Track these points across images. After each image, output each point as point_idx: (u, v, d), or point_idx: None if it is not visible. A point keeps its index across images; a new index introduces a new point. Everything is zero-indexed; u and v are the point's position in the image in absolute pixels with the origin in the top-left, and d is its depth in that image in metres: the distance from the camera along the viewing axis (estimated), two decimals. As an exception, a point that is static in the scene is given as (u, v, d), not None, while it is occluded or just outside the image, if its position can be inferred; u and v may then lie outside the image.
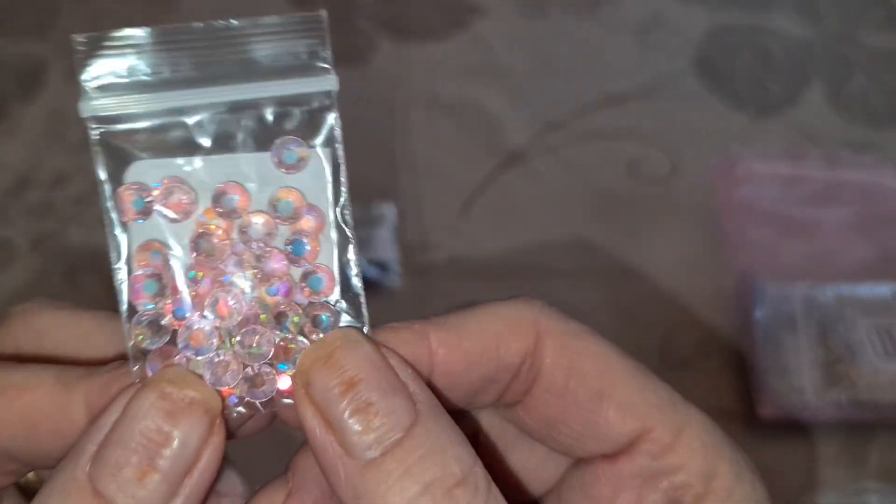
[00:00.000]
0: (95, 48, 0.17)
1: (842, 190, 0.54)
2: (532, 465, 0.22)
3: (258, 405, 0.18)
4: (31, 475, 0.21)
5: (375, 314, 0.19)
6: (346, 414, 0.17)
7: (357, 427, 0.17)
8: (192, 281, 0.18)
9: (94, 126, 0.17)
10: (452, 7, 0.69)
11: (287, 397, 0.18)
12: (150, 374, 0.18)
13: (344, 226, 0.18)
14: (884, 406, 0.44)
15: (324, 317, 0.18)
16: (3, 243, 0.53)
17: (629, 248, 0.53)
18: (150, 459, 0.17)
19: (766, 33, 0.67)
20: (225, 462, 0.19)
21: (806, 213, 0.53)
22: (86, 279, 0.51)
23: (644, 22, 0.68)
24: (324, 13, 0.18)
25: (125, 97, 0.17)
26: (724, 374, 0.47)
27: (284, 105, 0.18)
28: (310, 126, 0.18)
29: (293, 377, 0.18)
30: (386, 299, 0.50)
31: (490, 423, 0.22)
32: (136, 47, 0.17)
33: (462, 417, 0.20)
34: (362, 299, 0.19)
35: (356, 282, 0.19)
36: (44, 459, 0.19)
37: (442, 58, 0.65)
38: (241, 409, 0.19)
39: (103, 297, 0.54)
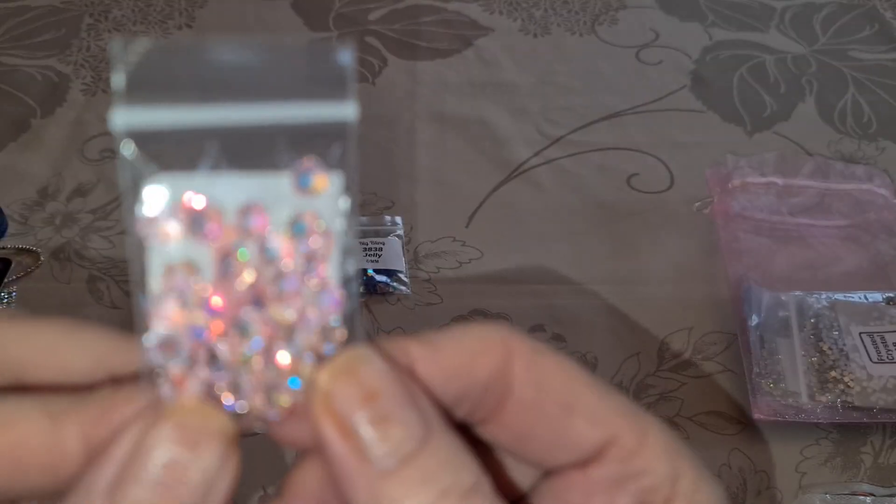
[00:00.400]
0: (129, 56, 0.17)
1: (835, 200, 0.54)
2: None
3: (268, 422, 0.19)
4: None
5: (385, 322, 0.20)
6: (367, 425, 0.17)
7: (377, 437, 0.17)
8: (213, 303, 0.18)
9: (121, 136, 0.17)
10: (458, 25, 0.70)
11: (294, 415, 0.19)
12: (164, 396, 0.18)
13: (352, 248, 0.19)
14: (876, 410, 0.44)
15: (332, 333, 0.19)
16: (25, 253, 0.54)
17: (628, 257, 0.54)
18: (171, 494, 0.17)
19: (761, 49, 0.68)
20: None
21: (799, 222, 0.53)
22: (105, 288, 0.52)
23: (643, 39, 0.69)
24: (352, 42, 0.18)
25: (154, 109, 0.17)
26: (719, 379, 0.48)
27: (305, 128, 0.18)
28: (328, 150, 0.18)
29: (310, 391, 0.18)
30: (395, 307, 0.50)
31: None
32: (167, 59, 0.17)
33: None
34: (358, 318, 0.19)
35: (356, 301, 0.19)
36: (31, 495, 0.18)
37: (447, 74, 0.65)
38: (260, 426, 0.19)
39: (122, 306, 0.55)
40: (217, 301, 0.18)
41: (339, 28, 0.69)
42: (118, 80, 0.17)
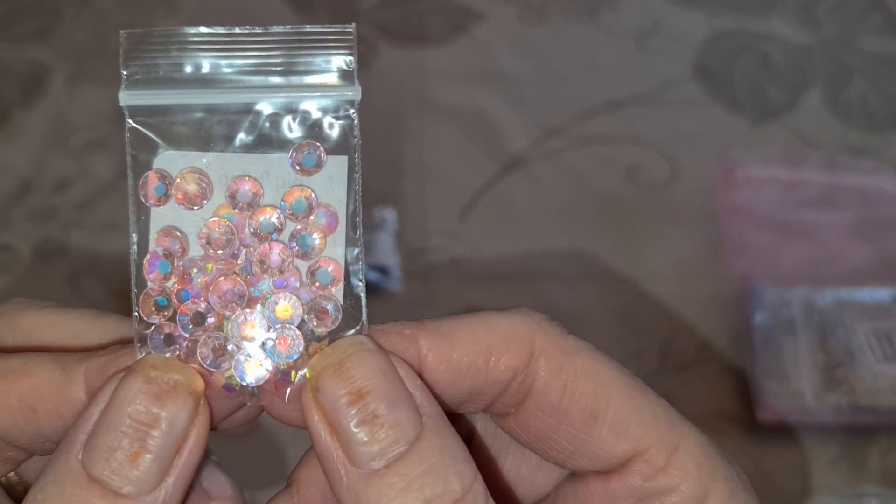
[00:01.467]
0: (138, 44, 0.19)
1: (841, 194, 0.54)
2: (525, 472, 0.22)
3: (248, 392, 0.19)
4: (11, 475, 0.21)
5: (375, 318, 0.19)
6: (353, 424, 0.17)
7: (363, 437, 0.17)
8: (200, 270, 0.19)
9: (130, 115, 0.19)
10: (453, 13, 0.69)
11: (277, 391, 0.19)
12: (148, 353, 0.19)
13: (355, 229, 0.19)
14: (883, 410, 0.44)
15: (330, 308, 0.19)
16: (4, 248, 0.53)
17: (629, 253, 0.53)
18: (140, 441, 0.17)
19: (765, 39, 0.68)
20: (214, 464, 0.20)
21: (805, 217, 0.53)
22: (88, 284, 0.51)
23: (643, 28, 0.68)
24: (353, 27, 0.19)
25: (160, 91, 0.19)
26: (723, 379, 0.47)
27: (309, 111, 0.19)
28: (331, 132, 0.19)
29: (299, 379, 0.18)
30: (386, 303, 0.50)
31: (484, 426, 0.22)
32: (175, 46, 0.19)
33: (458, 419, 0.20)
34: (363, 301, 0.19)
35: (360, 283, 0.19)
36: (42, 444, 0.19)
37: (442, 63, 0.65)
38: (248, 399, 0.19)
39: (105, 302, 0.54)
40: (206, 268, 0.19)
41: (330, 17, 0.69)
42: (127, 62, 0.19)
